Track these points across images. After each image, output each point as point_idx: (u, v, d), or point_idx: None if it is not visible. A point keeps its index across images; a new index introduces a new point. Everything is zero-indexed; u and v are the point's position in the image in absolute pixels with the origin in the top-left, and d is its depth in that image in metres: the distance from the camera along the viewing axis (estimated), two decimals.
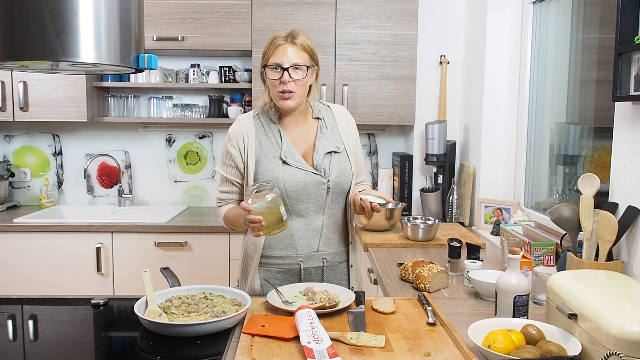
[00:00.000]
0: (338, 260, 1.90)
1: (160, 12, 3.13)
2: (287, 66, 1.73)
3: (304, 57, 1.77)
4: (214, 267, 3.03)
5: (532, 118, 2.83)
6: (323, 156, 1.82)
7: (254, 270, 1.85)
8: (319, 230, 1.84)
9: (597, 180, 1.72)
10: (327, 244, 1.86)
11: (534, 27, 2.79)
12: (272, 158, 1.79)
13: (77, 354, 1.34)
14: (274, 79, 1.75)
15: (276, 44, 1.75)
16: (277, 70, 1.75)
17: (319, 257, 1.86)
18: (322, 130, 1.86)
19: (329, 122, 1.89)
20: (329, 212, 1.85)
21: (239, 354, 1.27)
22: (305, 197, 1.80)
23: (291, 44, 1.75)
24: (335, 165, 1.82)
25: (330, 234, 1.87)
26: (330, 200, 1.84)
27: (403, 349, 1.31)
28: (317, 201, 1.82)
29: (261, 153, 1.81)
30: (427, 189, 3.20)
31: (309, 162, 1.82)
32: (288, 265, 1.85)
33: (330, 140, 1.85)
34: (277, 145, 1.81)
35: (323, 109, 1.92)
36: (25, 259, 3.01)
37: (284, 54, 1.74)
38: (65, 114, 3.19)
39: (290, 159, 1.79)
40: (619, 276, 1.44)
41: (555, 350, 1.19)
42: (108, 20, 1.21)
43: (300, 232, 1.83)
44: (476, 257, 2.06)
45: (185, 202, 3.62)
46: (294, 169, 1.78)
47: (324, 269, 1.86)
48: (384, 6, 3.13)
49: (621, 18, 1.64)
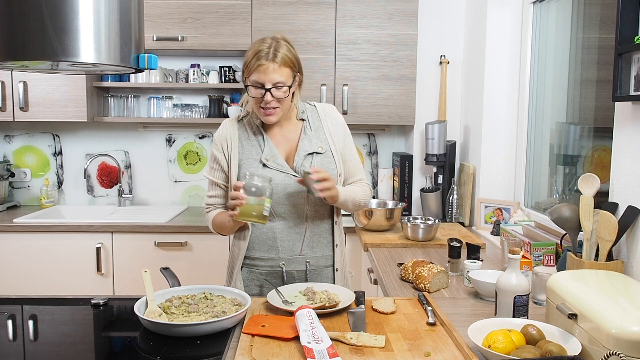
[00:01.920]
0: (323, 264, 1.89)
1: (160, 12, 3.13)
2: (269, 87, 1.72)
3: (286, 73, 1.74)
4: (214, 267, 3.03)
5: (532, 118, 2.83)
6: (304, 157, 1.81)
7: (237, 271, 1.86)
8: (302, 233, 1.84)
9: (597, 180, 1.72)
10: (311, 247, 1.86)
11: (534, 27, 2.79)
12: (253, 161, 1.80)
13: (77, 354, 1.34)
14: (256, 97, 1.75)
15: (258, 62, 1.71)
16: (258, 88, 1.74)
17: (302, 261, 1.85)
18: (305, 132, 1.86)
19: (314, 123, 1.88)
20: (313, 215, 1.84)
21: (239, 354, 1.27)
22: (286, 199, 1.80)
23: (272, 62, 1.71)
24: (316, 166, 1.80)
25: (315, 237, 1.86)
26: (313, 203, 1.83)
27: (403, 349, 1.31)
28: (298, 203, 1.81)
29: (243, 156, 1.82)
30: (427, 189, 3.20)
31: (290, 165, 1.82)
32: (270, 268, 1.85)
33: (313, 141, 1.84)
34: (259, 148, 1.82)
35: (308, 110, 1.91)
36: (25, 259, 3.01)
37: (265, 73, 1.71)
38: (65, 114, 3.19)
39: (271, 161, 1.80)
40: (619, 276, 1.44)
41: (555, 350, 1.19)
42: (108, 20, 1.21)
43: (282, 235, 1.83)
44: (476, 257, 2.06)
45: (185, 202, 3.62)
46: (274, 171, 1.79)
47: (307, 272, 1.86)
48: (384, 6, 3.14)
49: (621, 18, 1.64)
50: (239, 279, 1.86)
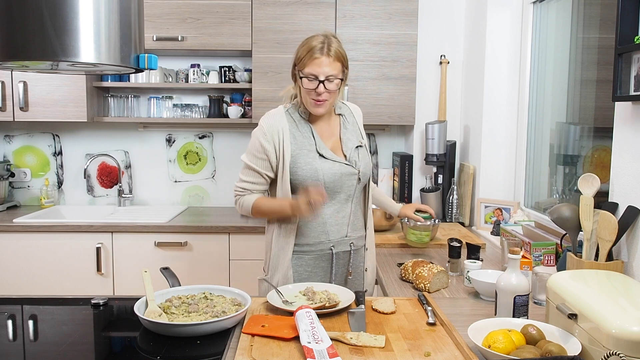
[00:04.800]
0: (360, 244, 2.03)
1: (160, 12, 3.13)
2: (322, 79, 1.83)
3: (338, 67, 1.86)
4: (214, 267, 3.03)
5: (532, 118, 2.83)
6: (352, 150, 1.96)
7: (288, 259, 1.92)
8: (347, 217, 1.96)
9: (597, 180, 1.72)
10: (354, 229, 1.99)
11: (534, 27, 2.79)
12: (308, 152, 1.90)
13: (77, 354, 1.34)
14: (310, 88, 1.85)
15: (313, 56, 1.83)
16: (312, 80, 1.84)
17: (347, 242, 1.97)
18: (345, 126, 2.01)
19: (349, 119, 2.04)
20: (356, 200, 1.99)
21: (239, 354, 1.27)
22: (340, 187, 1.93)
23: (327, 55, 1.83)
24: (362, 157, 1.98)
25: (356, 220, 2.00)
26: (358, 190, 1.98)
27: (403, 349, 1.31)
28: (348, 190, 1.95)
29: (297, 147, 1.90)
30: (427, 189, 3.20)
31: (339, 155, 1.95)
32: (320, 252, 1.95)
33: (354, 135, 2.00)
34: (311, 139, 1.92)
35: (342, 106, 2.05)
36: (25, 259, 3.01)
37: (320, 65, 1.83)
38: (65, 114, 3.19)
39: (325, 152, 1.91)
40: (619, 276, 1.44)
41: (555, 350, 1.19)
42: (108, 20, 1.21)
43: (332, 220, 1.94)
44: (476, 257, 2.06)
45: (185, 202, 3.62)
46: (331, 161, 1.91)
47: (351, 253, 1.98)
48: (384, 6, 3.14)
49: (621, 18, 1.64)
50: (289, 266, 1.92)
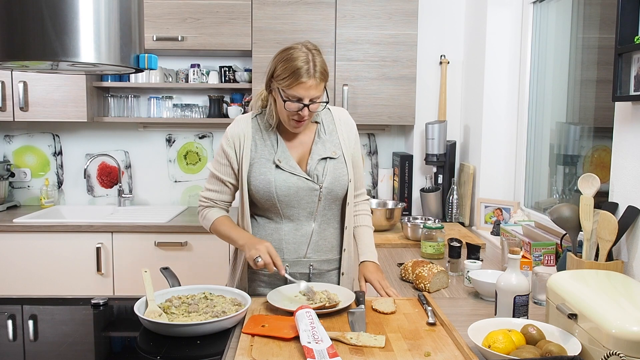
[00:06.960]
0: (327, 267, 1.87)
1: (160, 12, 3.13)
2: (307, 102, 1.69)
3: (322, 87, 1.72)
4: (214, 267, 3.03)
5: (532, 118, 2.83)
6: (317, 162, 1.79)
7: (241, 271, 1.85)
8: (308, 236, 1.81)
9: (597, 180, 1.72)
10: (316, 250, 1.83)
11: (534, 27, 2.79)
12: (265, 161, 1.78)
13: (77, 354, 1.34)
14: (294, 111, 1.71)
15: (300, 80, 1.66)
16: (295, 101, 1.70)
17: (305, 264, 1.83)
18: (319, 135, 1.83)
19: (328, 127, 1.86)
20: (321, 219, 1.82)
21: (239, 354, 1.27)
22: (297, 202, 1.78)
23: (313, 78, 1.67)
24: (329, 171, 1.79)
25: (321, 240, 1.84)
26: (323, 207, 1.81)
27: (403, 349, 1.31)
28: (308, 207, 1.79)
29: (256, 155, 1.79)
30: (427, 189, 3.20)
31: (303, 167, 1.79)
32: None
33: (327, 146, 1.82)
34: (272, 148, 1.79)
35: (323, 112, 1.87)
36: (25, 259, 3.01)
37: (306, 90, 1.67)
38: (65, 114, 3.19)
39: (284, 163, 1.77)
40: (619, 276, 1.44)
41: (555, 350, 1.19)
42: (108, 20, 1.21)
43: (288, 237, 1.81)
44: (476, 257, 2.06)
45: (185, 202, 3.62)
46: (287, 173, 1.76)
47: (310, 276, 1.84)
48: (384, 6, 3.14)
49: (621, 18, 1.64)
50: (243, 278, 1.85)
